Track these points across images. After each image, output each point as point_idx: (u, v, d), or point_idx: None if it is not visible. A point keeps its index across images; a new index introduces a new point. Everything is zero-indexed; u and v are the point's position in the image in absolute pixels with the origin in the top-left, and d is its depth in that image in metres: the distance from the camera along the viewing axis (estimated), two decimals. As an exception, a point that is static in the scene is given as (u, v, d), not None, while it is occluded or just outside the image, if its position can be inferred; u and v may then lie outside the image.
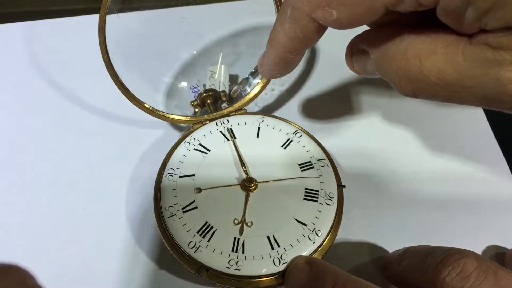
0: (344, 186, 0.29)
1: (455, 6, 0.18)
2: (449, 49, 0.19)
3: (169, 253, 0.26)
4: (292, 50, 0.24)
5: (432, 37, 0.20)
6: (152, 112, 0.32)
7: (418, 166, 0.34)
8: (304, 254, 0.26)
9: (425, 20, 0.20)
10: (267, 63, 0.26)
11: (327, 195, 0.28)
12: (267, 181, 0.28)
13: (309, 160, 0.30)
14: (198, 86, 0.37)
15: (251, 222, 0.27)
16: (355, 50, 0.25)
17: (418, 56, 0.20)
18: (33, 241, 0.30)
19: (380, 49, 0.22)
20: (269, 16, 0.32)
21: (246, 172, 0.29)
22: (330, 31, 0.23)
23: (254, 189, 0.28)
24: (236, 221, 0.27)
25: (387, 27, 0.22)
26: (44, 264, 0.29)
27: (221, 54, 0.38)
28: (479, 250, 0.31)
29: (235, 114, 0.33)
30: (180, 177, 0.29)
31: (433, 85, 0.20)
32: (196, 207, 0.27)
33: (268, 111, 0.38)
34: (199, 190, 0.28)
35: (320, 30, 0.22)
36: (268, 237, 0.26)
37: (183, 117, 0.33)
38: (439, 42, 0.20)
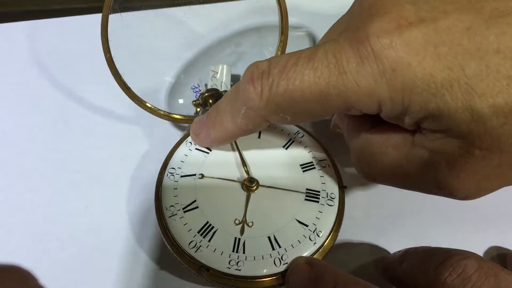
0: (345, 187, 0.29)
1: (394, 116, 0.21)
2: (396, 152, 0.22)
3: (169, 253, 0.26)
4: (238, 136, 0.27)
5: (385, 137, 0.23)
6: (154, 111, 0.32)
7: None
8: (305, 254, 0.26)
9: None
10: (207, 139, 0.28)
11: (328, 196, 0.28)
12: (268, 187, 0.28)
13: (310, 161, 0.30)
14: (199, 86, 0.37)
15: (252, 222, 0.27)
16: (335, 126, 0.30)
17: (373, 156, 0.23)
18: (34, 241, 0.30)
19: (347, 136, 0.26)
20: (272, 15, 0.32)
21: (247, 172, 0.29)
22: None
23: (256, 189, 0.28)
24: (237, 221, 0.27)
25: (352, 117, 0.25)
26: (44, 264, 0.29)
27: (223, 53, 0.38)
28: (480, 252, 0.31)
29: (237, 114, 0.33)
30: (182, 176, 0.29)
31: (387, 178, 0.24)
32: (197, 207, 0.27)
33: (269, 111, 0.38)
34: (202, 176, 0.28)
35: (268, 124, 0.25)
36: (269, 237, 0.26)
37: (185, 116, 0.33)
38: (390, 143, 0.22)
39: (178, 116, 0.33)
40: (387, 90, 0.19)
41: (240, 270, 0.25)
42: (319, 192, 0.28)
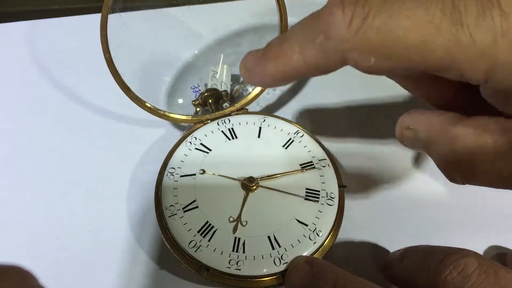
0: (345, 187, 0.29)
1: (500, 88, 0.17)
2: (500, 147, 0.19)
3: (169, 253, 0.26)
4: (302, 74, 0.21)
5: (480, 129, 0.19)
6: (153, 111, 0.32)
7: (419, 166, 0.34)
8: (304, 254, 0.26)
9: (471, 101, 0.20)
10: (262, 73, 0.22)
11: (328, 195, 0.28)
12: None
13: (310, 160, 0.30)
14: (199, 86, 0.37)
15: (246, 222, 0.27)
16: (404, 128, 0.24)
17: (471, 153, 0.19)
18: (33, 241, 0.30)
19: (428, 134, 0.22)
20: (272, 15, 0.32)
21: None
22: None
23: (255, 189, 0.28)
24: (231, 219, 0.27)
25: (436, 110, 0.22)
26: (44, 264, 0.29)
27: (223, 53, 0.38)
28: (480, 250, 0.31)
29: (237, 114, 0.33)
30: (181, 176, 0.29)
31: (488, 181, 0.20)
32: (197, 207, 0.27)
33: (269, 110, 0.38)
34: (203, 171, 0.29)
35: (342, 66, 0.20)
36: (268, 237, 0.26)
37: (185, 116, 0.33)
38: (489, 136, 0.19)
39: (177, 116, 0.33)
40: (505, 52, 0.16)
41: (240, 269, 0.25)
42: (318, 191, 0.28)
